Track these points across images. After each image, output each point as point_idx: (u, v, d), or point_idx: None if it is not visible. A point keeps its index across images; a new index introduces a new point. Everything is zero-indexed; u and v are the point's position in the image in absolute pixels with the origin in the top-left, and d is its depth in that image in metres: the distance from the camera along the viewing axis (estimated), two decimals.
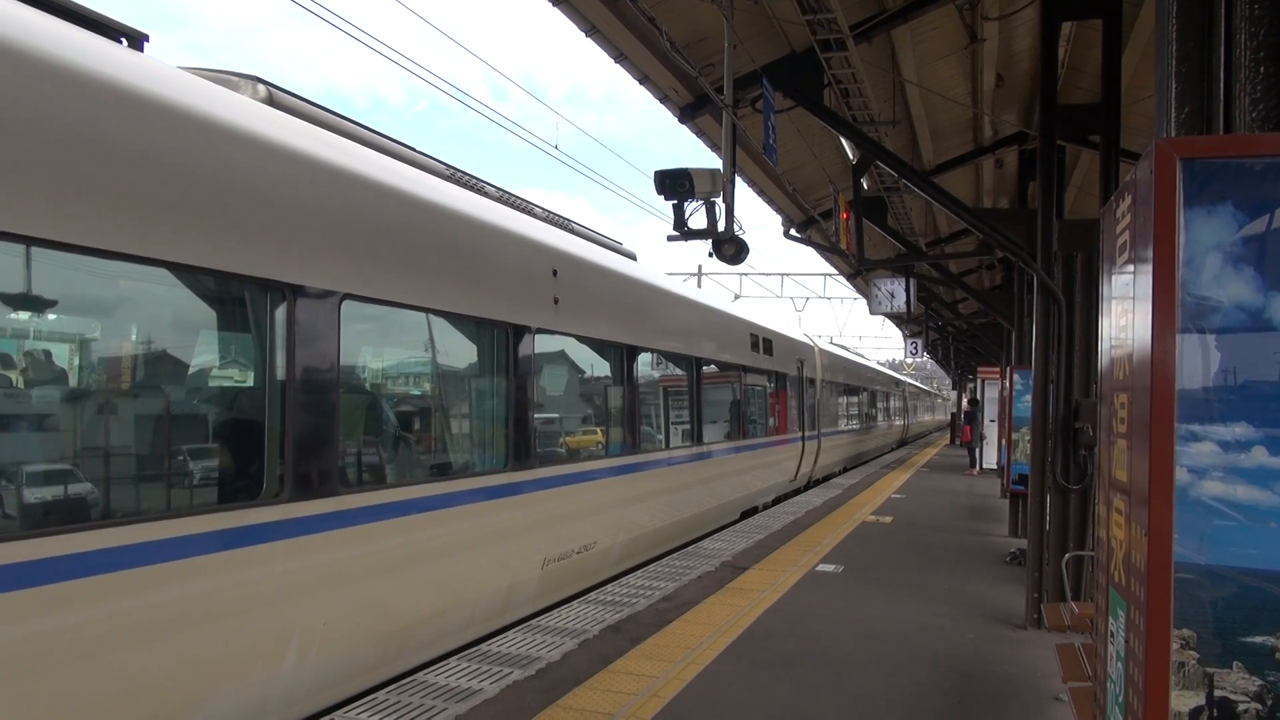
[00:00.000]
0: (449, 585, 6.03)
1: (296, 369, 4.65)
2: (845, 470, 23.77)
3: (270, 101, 5.20)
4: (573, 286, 7.84)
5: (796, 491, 17.68)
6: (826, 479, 20.78)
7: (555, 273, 7.53)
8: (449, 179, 6.83)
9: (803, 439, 17.65)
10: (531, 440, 7.02)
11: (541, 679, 5.44)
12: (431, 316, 6.05)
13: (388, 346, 6.34)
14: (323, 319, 4.83)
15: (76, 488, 3.87)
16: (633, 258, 10.42)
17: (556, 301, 7.46)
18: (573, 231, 8.92)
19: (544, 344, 7.41)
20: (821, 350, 20.55)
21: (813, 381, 18.95)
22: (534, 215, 8.09)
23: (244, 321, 4.71)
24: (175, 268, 4.10)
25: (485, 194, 7.30)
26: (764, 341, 14.90)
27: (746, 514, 14.10)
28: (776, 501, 15.87)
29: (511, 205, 7.72)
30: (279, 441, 4.58)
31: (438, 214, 6.10)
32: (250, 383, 4.84)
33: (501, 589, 6.64)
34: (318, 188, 4.95)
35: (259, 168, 4.56)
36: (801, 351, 18.10)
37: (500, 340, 6.81)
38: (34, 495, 3.74)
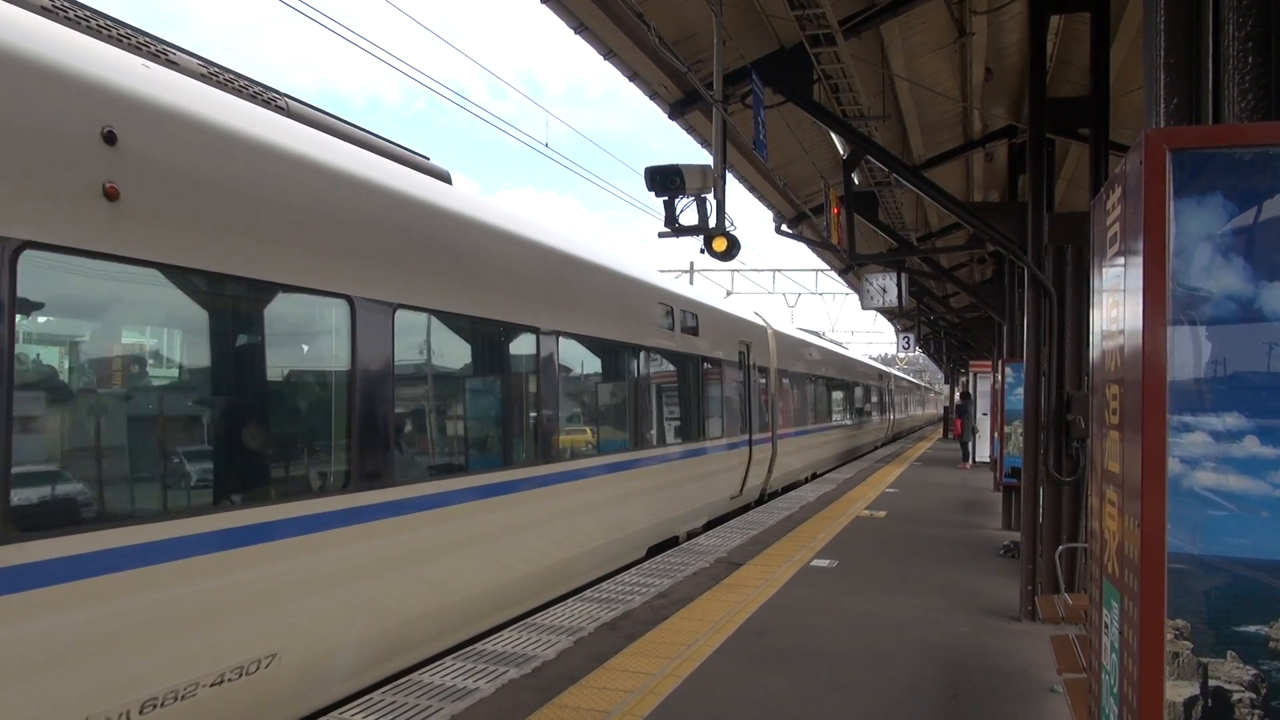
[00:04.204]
0: None
1: None
2: (816, 476, 20.57)
3: None
4: (178, 168, 4.16)
5: (747, 507, 14.62)
6: (789, 489, 17.52)
7: (111, 136, 3.83)
8: None
9: (750, 443, 14.30)
10: (87, 480, 3.85)
11: (537, 677, 5.43)
12: None
13: None
14: None
15: None
16: (445, 179, 7.01)
17: (114, 196, 3.82)
18: (308, 120, 5.57)
19: (70, 281, 3.81)
20: (777, 333, 16.96)
21: (765, 370, 15.69)
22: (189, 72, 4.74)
23: None
24: None
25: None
26: (685, 315, 11.52)
27: (657, 549, 10.56)
28: (710, 526, 12.72)
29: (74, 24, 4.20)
30: None
31: None
32: None
33: None
34: None
35: None
36: (747, 333, 14.69)
37: None
38: None
